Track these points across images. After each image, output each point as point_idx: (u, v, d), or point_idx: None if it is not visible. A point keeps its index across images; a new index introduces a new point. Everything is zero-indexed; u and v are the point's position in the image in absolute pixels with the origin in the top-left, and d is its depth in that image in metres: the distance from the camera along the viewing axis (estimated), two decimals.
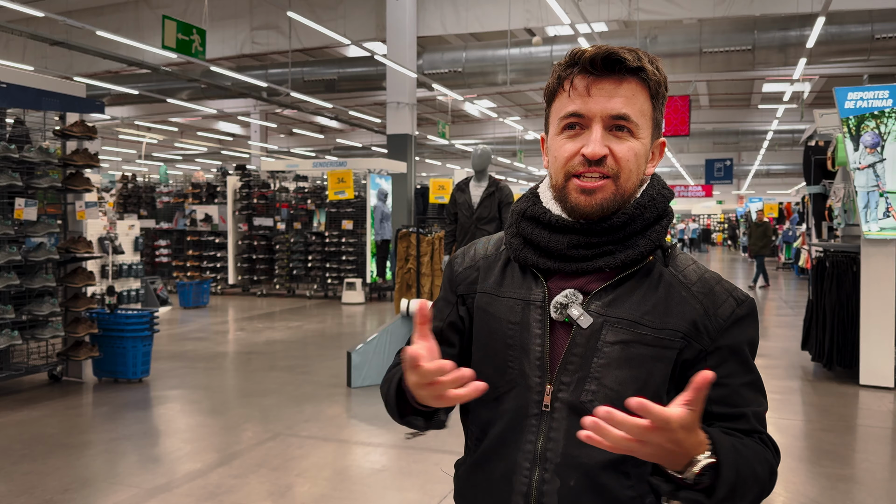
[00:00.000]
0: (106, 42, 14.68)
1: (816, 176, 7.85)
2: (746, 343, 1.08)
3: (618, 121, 1.04)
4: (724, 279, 1.11)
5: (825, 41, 12.26)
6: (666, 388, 1.06)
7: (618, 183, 1.05)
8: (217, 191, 14.09)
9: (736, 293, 1.09)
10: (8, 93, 5.44)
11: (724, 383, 1.04)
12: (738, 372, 1.07)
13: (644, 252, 1.07)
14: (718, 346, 1.06)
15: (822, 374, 6.63)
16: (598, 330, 1.05)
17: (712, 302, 1.07)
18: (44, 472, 4.01)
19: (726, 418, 1.05)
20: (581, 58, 1.05)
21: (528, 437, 1.06)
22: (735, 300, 1.08)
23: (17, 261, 5.54)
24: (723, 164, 24.02)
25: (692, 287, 1.08)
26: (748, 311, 1.08)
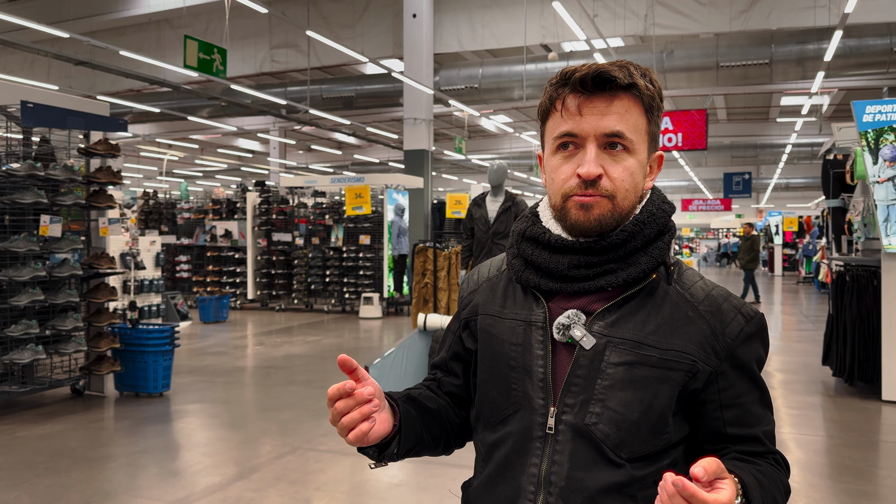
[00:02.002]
0: (128, 61, 14.96)
1: (835, 189, 7.80)
2: (755, 360, 1.07)
3: (612, 138, 1.03)
4: (732, 295, 1.09)
5: (843, 54, 12.21)
6: (672, 410, 1.02)
7: (614, 202, 1.04)
8: (237, 207, 14.25)
9: (745, 310, 1.07)
10: (35, 112, 5.57)
11: (736, 403, 1.05)
12: (749, 390, 1.07)
13: (646, 270, 1.04)
14: (728, 365, 1.05)
15: (843, 390, 6.56)
16: (601, 351, 1.02)
17: (720, 321, 1.04)
18: (67, 485, 4.07)
19: (741, 440, 1.05)
20: (571, 77, 1.04)
21: (533, 460, 1.04)
22: (744, 317, 1.06)
23: (41, 276, 5.64)
24: (741, 177, 23.91)
25: (699, 306, 1.05)
26: (757, 328, 1.07)
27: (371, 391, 1.00)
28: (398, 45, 14.99)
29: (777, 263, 25.05)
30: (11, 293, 5.65)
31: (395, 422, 1.10)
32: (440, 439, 1.22)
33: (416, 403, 1.18)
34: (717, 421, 1.05)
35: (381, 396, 1.06)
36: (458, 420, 1.26)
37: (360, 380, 1.02)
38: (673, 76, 13.62)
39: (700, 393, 1.04)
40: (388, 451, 1.10)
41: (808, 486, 4.12)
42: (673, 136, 11.55)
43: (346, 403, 0.99)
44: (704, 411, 1.06)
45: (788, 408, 5.96)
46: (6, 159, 5.89)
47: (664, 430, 1.02)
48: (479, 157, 27.17)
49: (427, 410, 1.19)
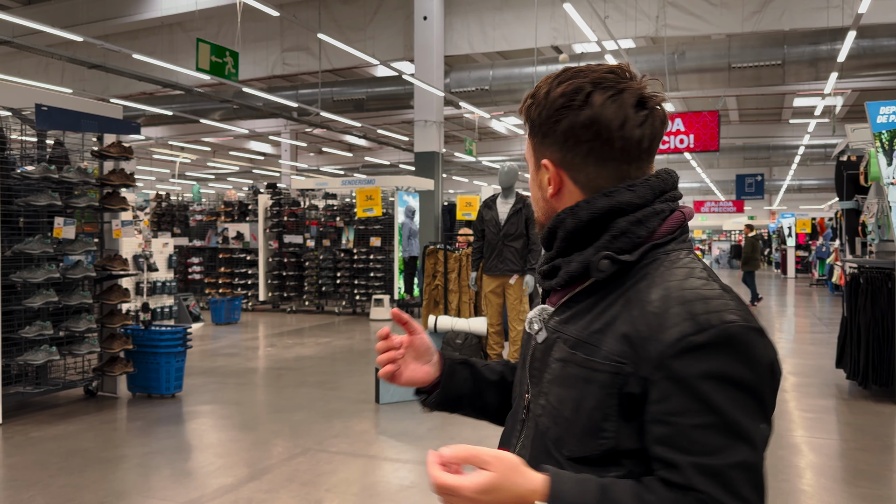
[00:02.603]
0: (141, 64, 15.07)
1: (849, 191, 7.75)
2: (706, 377, 0.90)
3: None
4: (703, 300, 0.94)
5: (857, 55, 12.13)
6: (603, 414, 0.97)
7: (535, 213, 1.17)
8: (248, 209, 14.31)
9: (703, 317, 0.92)
10: (49, 115, 5.62)
11: (667, 421, 0.91)
12: (690, 410, 0.90)
13: (579, 268, 1.04)
14: (662, 376, 0.92)
15: (857, 393, 6.51)
16: (551, 345, 1.07)
17: (660, 324, 0.94)
18: (80, 486, 4.10)
19: (662, 464, 0.92)
20: None
21: (514, 440, 1.14)
22: (695, 324, 0.91)
23: (55, 278, 5.69)
24: (754, 179, 23.78)
25: (648, 306, 0.97)
26: (712, 340, 0.90)
27: (403, 340, 1.24)
28: (409, 47, 15.01)
29: (790, 265, 24.88)
30: (26, 295, 5.70)
31: (437, 376, 1.27)
32: (498, 409, 1.30)
33: (472, 370, 1.30)
34: (648, 436, 0.94)
35: (426, 351, 1.26)
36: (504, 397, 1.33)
37: (413, 331, 1.25)
38: (684, 77, 13.57)
39: (642, 401, 0.95)
40: (429, 399, 1.29)
41: (823, 490, 4.09)
42: (685, 138, 11.50)
43: (380, 345, 1.24)
44: (644, 422, 0.95)
45: (802, 411, 5.92)
46: (21, 162, 5.94)
47: (598, 433, 0.97)
48: (489, 159, 27.16)
49: (484, 379, 1.30)
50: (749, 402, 0.90)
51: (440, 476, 0.90)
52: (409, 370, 1.25)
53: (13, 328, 5.63)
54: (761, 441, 0.91)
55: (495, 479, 0.88)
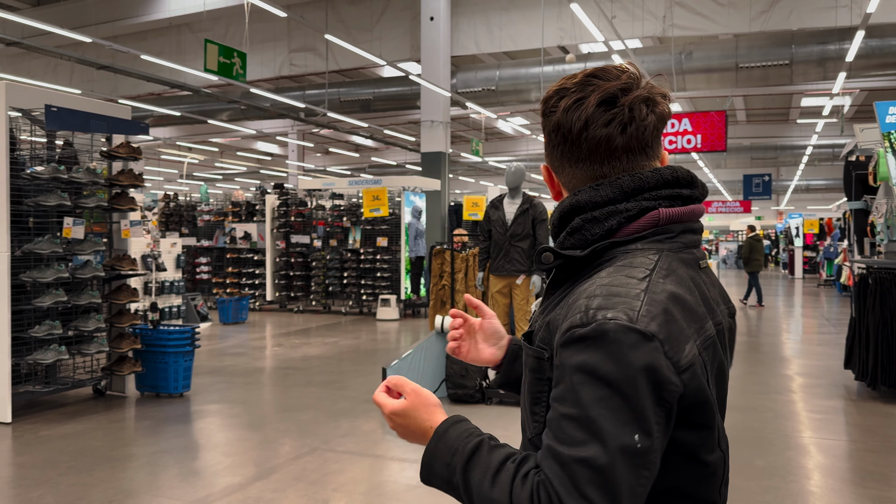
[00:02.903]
0: (149, 65, 15.14)
1: (858, 191, 7.72)
2: (578, 369, 0.91)
3: None
4: (610, 297, 0.95)
5: (865, 54, 12.07)
6: (534, 398, 1.06)
7: None
8: (256, 209, 14.35)
9: (592, 311, 0.94)
10: (58, 116, 5.65)
11: (551, 405, 0.95)
12: (564, 399, 0.92)
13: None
14: (557, 363, 0.96)
15: (865, 394, 6.48)
16: (533, 332, 1.13)
17: (566, 314, 0.98)
18: (89, 484, 4.12)
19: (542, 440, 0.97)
20: None
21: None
22: (583, 317, 0.94)
23: (64, 278, 5.72)
24: (761, 179, 23.69)
25: (570, 297, 1.02)
26: (588, 334, 0.92)
27: (461, 322, 1.38)
28: (415, 47, 15.03)
29: (797, 266, 24.78)
30: (35, 294, 5.73)
31: (502, 357, 1.39)
32: None
33: None
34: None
35: (495, 334, 1.39)
36: None
37: (484, 315, 1.39)
38: (692, 77, 13.53)
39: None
40: (495, 378, 1.42)
41: (831, 491, 4.08)
42: (692, 138, 11.48)
43: (452, 324, 1.38)
44: None
45: (810, 412, 5.90)
46: (31, 162, 5.98)
47: (533, 416, 1.06)
48: (496, 159, 27.15)
49: None
50: (613, 403, 0.89)
51: (378, 394, 1.11)
52: (475, 349, 1.38)
53: (23, 327, 5.67)
54: (620, 446, 0.87)
55: (406, 406, 1.07)
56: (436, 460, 1.01)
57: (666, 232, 1.05)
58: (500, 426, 5.25)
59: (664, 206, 1.05)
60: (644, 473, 0.89)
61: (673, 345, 0.92)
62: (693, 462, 1.01)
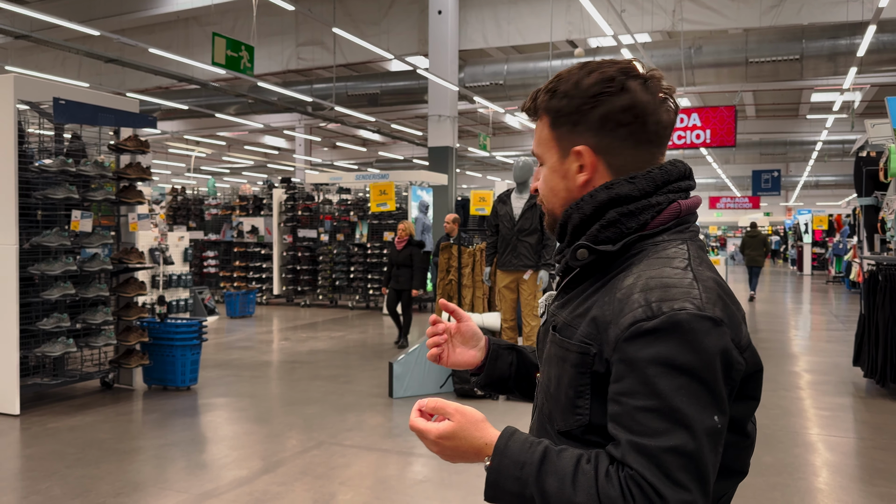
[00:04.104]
0: (157, 59, 15.15)
1: (868, 187, 7.65)
2: (652, 362, 0.93)
3: (538, 157, 1.19)
4: (666, 288, 0.98)
5: (876, 49, 11.97)
6: (576, 391, 1.04)
7: (545, 207, 1.20)
8: (263, 203, 14.36)
9: (656, 304, 0.96)
10: (66, 109, 5.66)
11: (618, 401, 0.96)
12: (637, 392, 0.94)
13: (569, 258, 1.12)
14: (617, 358, 0.97)
15: (874, 391, 6.44)
16: (548, 328, 1.17)
17: (620, 309, 0.99)
18: (97, 476, 4.13)
19: (611, 439, 0.97)
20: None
21: (533, 415, 1.23)
22: (648, 310, 0.96)
23: (72, 271, 5.74)
24: (770, 175, 23.54)
25: (617, 293, 1.02)
26: (660, 326, 0.94)
27: (450, 327, 1.35)
28: (423, 41, 14.99)
29: (806, 262, 24.67)
30: (43, 287, 5.75)
31: (483, 359, 1.37)
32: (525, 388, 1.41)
33: (518, 354, 1.40)
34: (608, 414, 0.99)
35: (472, 336, 1.36)
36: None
37: (460, 319, 1.35)
38: (701, 72, 13.45)
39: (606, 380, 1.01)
40: (477, 380, 1.39)
41: (839, 489, 4.05)
42: (701, 133, 11.41)
43: (429, 330, 1.34)
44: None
45: (818, 409, 5.87)
46: (39, 155, 5.99)
47: (574, 410, 1.05)
48: (503, 154, 27.10)
49: (529, 362, 1.39)
50: (693, 389, 0.92)
51: (415, 420, 1.07)
52: (455, 354, 1.36)
53: (31, 320, 5.69)
54: (706, 429, 0.92)
55: (455, 428, 1.04)
56: (503, 476, 0.99)
57: (685, 222, 1.10)
58: (510, 420, 5.24)
59: (682, 198, 1.10)
60: (720, 450, 0.96)
61: (734, 327, 0.98)
62: (738, 434, 1.05)
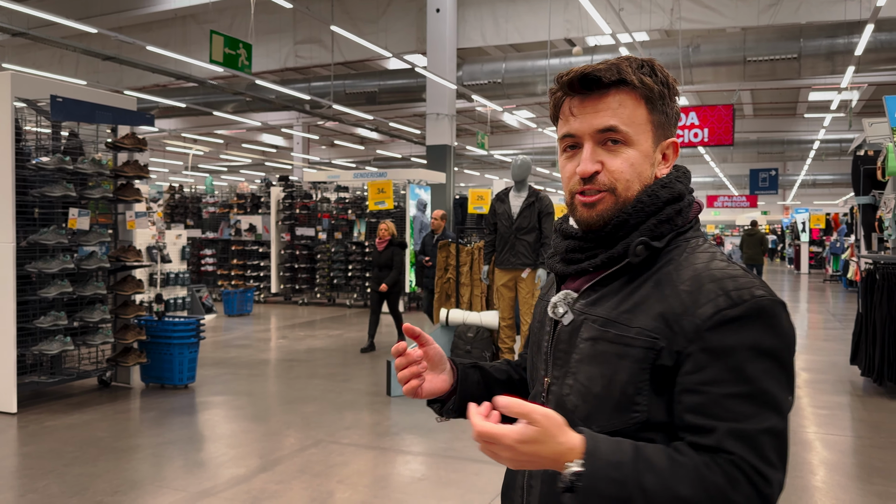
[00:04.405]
0: (155, 56, 15.12)
1: (866, 186, 7.66)
2: (740, 348, 0.96)
3: (607, 133, 1.08)
4: (732, 278, 1.01)
5: (874, 48, 11.98)
6: (636, 388, 1.01)
7: (616, 194, 1.09)
8: (261, 201, 14.35)
9: (735, 293, 0.99)
10: (64, 107, 5.65)
11: (701, 391, 0.96)
12: (724, 380, 0.96)
13: (620, 252, 1.08)
14: (697, 348, 0.97)
15: (872, 390, 6.45)
16: (577, 327, 1.09)
17: (694, 300, 1.00)
18: (94, 474, 4.13)
19: (694, 430, 0.96)
20: (562, 82, 1.12)
21: None
22: (728, 299, 0.98)
23: (70, 269, 5.73)
24: (768, 174, 23.57)
25: (680, 285, 1.02)
26: (746, 313, 0.97)
27: (420, 354, 1.21)
28: (421, 40, 14.97)
29: (804, 261, 24.70)
30: (41, 285, 5.74)
31: (453, 382, 1.26)
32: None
33: (483, 372, 1.31)
34: (679, 405, 0.99)
35: (440, 360, 1.24)
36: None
37: (425, 343, 1.22)
38: (699, 71, 13.45)
39: (673, 374, 1.00)
40: (446, 407, 1.26)
41: (837, 487, 4.06)
42: (699, 132, 11.42)
43: (400, 362, 1.19)
44: (673, 394, 1.00)
45: (815, 407, 5.87)
46: (36, 153, 5.97)
47: (630, 407, 1.02)
48: (501, 152, 27.09)
49: (494, 379, 1.31)
50: (777, 372, 0.98)
51: (483, 424, 0.93)
52: (428, 382, 1.23)
53: (28, 318, 5.68)
54: (787, 410, 0.98)
55: (539, 432, 0.92)
56: (599, 480, 0.93)
57: (698, 220, 1.16)
58: None
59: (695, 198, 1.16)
60: None
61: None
62: None
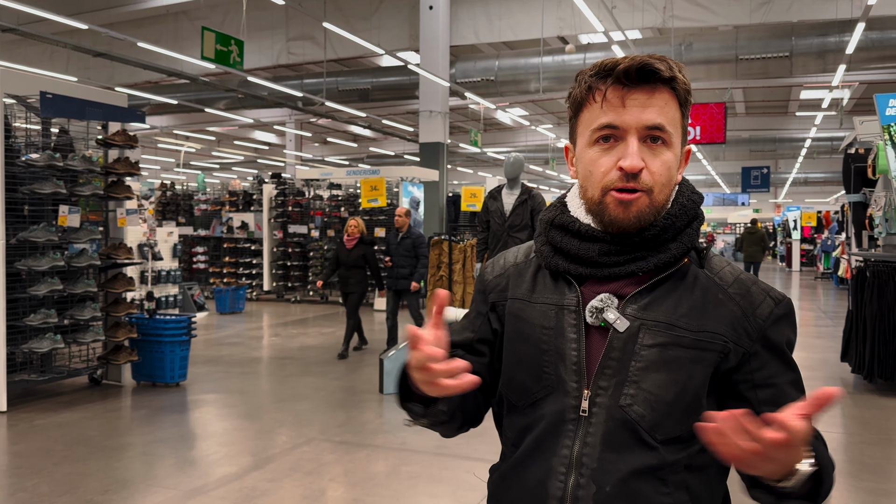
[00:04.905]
0: (146, 53, 15.02)
1: (856, 184, 7.69)
2: (786, 342, 1.08)
3: (653, 131, 1.03)
4: (759, 280, 1.11)
5: (865, 47, 12.03)
6: (706, 391, 1.04)
7: (652, 196, 1.05)
8: (253, 199, 14.31)
9: (773, 293, 1.09)
10: (54, 103, 5.61)
11: (770, 383, 1.06)
12: (783, 371, 1.07)
13: (676, 255, 1.07)
14: (760, 346, 1.06)
15: (862, 387, 6.49)
16: (634, 333, 1.04)
17: (750, 303, 1.07)
18: (84, 473, 4.11)
19: None
20: (615, 69, 1.04)
21: (565, 441, 1.05)
22: (773, 300, 1.09)
23: (60, 266, 5.69)
24: (759, 171, 23.67)
25: (728, 288, 1.08)
26: (786, 311, 1.09)
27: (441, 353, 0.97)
28: (414, 37, 14.94)
29: (795, 259, 24.81)
30: (31, 283, 5.70)
31: None
32: (458, 415, 1.19)
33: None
34: (752, 401, 1.05)
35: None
36: (475, 401, 1.23)
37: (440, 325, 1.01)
38: (691, 69, 13.46)
39: (733, 373, 1.06)
40: (435, 408, 1.11)
41: None
42: (691, 130, 11.45)
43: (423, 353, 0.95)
44: (737, 392, 1.06)
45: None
46: (26, 150, 5.94)
47: (698, 410, 1.02)
48: (494, 150, 27.09)
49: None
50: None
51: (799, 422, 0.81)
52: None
53: (18, 316, 5.64)
54: None
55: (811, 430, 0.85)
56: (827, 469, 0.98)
57: None
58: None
59: None
60: None
61: None
62: None
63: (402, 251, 7.72)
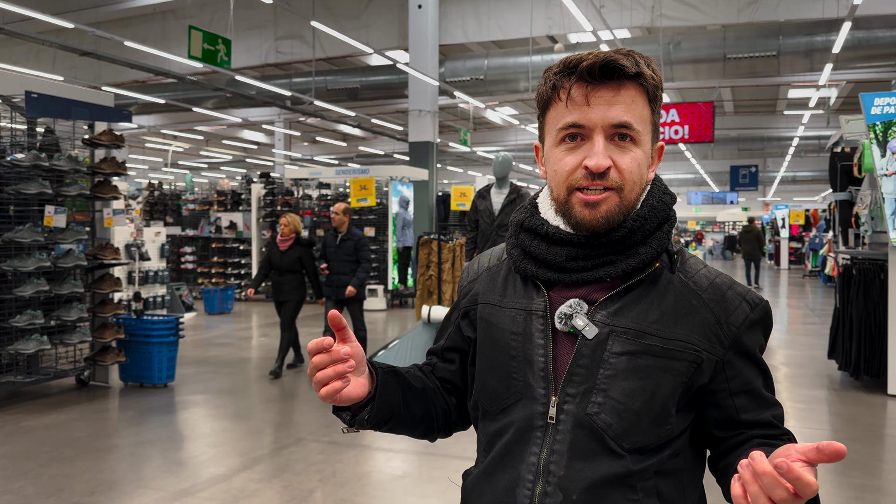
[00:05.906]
0: (133, 52, 14.94)
1: (843, 182, 7.75)
2: (758, 346, 1.07)
3: (619, 129, 1.01)
4: (736, 283, 1.08)
5: (852, 46, 12.11)
6: (675, 401, 1.01)
7: (622, 195, 1.02)
8: (242, 198, 14.25)
9: (749, 296, 1.06)
10: (39, 102, 5.56)
11: (746, 390, 1.05)
12: (756, 375, 1.06)
13: (645, 260, 1.03)
14: (734, 354, 1.04)
15: (848, 384, 6.53)
16: (603, 340, 1.02)
17: (724, 309, 1.04)
18: (71, 475, 4.08)
19: (755, 425, 1.04)
20: (578, 66, 1.01)
21: (533, 449, 1.03)
22: (748, 304, 1.05)
23: (46, 267, 5.65)
24: (748, 170, 23.79)
25: (703, 294, 1.05)
26: (762, 315, 1.06)
27: (348, 351, 1.01)
28: (403, 36, 14.92)
29: (783, 257, 24.97)
30: (16, 283, 5.66)
31: (371, 389, 1.08)
32: (421, 420, 1.18)
33: (400, 378, 1.15)
34: (730, 409, 1.04)
35: (362, 361, 1.06)
36: (446, 406, 1.22)
37: (346, 339, 1.02)
38: (680, 68, 13.53)
39: (708, 384, 1.04)
40: (360, 416, 1.09)
41: None
42: (679, 129, 11.49)
43: (322, 359, 0.98)
44: (714, 400, 1.05)
45: (793, 401, 5.94)
46: (11, 150, 5.89)
47: (666, 420, 1.01)
48: (484, 149, 27.10)
49: (410, 388, 1.16)
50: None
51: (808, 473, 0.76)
52: (350, 386, 1.04)
53: (4, 317, 5.60)
54: None
55: None
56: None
57: None
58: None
59: None
60: None
61: None
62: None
63: (342, 255, 6.85)
